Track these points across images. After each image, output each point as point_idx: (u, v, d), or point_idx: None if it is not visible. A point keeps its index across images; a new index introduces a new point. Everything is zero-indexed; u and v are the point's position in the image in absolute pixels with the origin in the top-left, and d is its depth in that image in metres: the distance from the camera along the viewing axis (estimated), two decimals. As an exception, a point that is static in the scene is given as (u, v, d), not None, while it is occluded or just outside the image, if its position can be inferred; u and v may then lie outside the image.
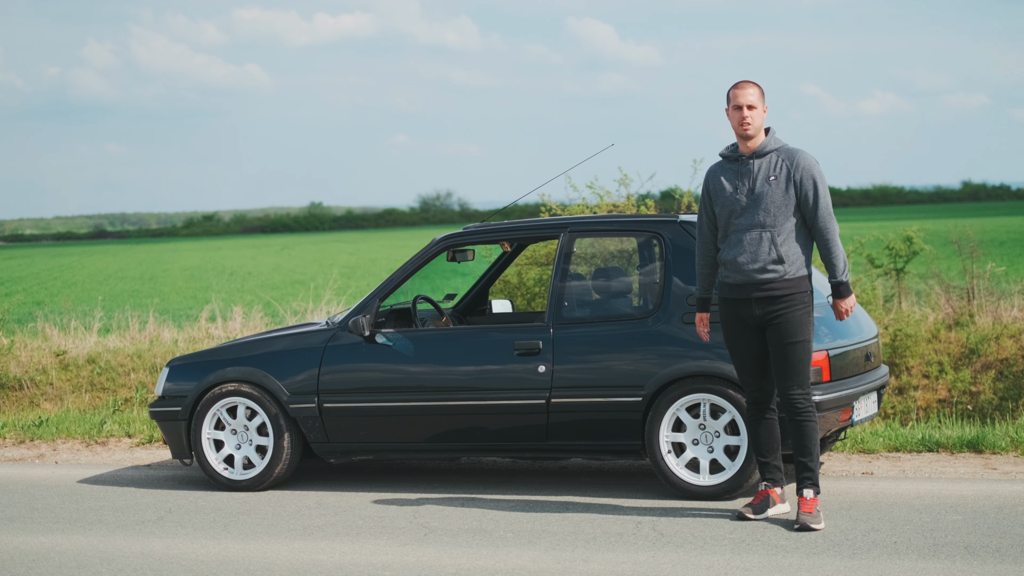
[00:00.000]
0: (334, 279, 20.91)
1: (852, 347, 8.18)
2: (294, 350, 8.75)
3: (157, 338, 16.35)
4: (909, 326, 13.38)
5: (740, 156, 7.31)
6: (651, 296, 8.32)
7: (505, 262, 9.92)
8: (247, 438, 8.79)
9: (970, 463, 8.98)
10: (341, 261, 50.65)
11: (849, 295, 7.23)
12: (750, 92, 7.26)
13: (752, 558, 6.61)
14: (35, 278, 48.10)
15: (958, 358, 13.13)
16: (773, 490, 7.46)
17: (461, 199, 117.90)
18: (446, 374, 8.44)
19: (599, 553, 6.84)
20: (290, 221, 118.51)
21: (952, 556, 6.52)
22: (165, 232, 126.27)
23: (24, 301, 31.31)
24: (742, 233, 7.21)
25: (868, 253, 15.73)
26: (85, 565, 6.95)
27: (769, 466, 7.47)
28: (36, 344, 15.93)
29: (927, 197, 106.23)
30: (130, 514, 8.23)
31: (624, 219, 8.77)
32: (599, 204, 13.65)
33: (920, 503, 7.71)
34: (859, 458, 9.26)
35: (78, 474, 9.76)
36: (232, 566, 6.83)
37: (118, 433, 11.50)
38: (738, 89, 7.28)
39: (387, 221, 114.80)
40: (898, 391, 13.11)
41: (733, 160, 7.34)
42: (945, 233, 15.69)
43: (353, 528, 7.62)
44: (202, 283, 40.70)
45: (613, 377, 8.11)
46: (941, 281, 14.97)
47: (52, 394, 14.56)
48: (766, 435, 7.44)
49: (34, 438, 11.53)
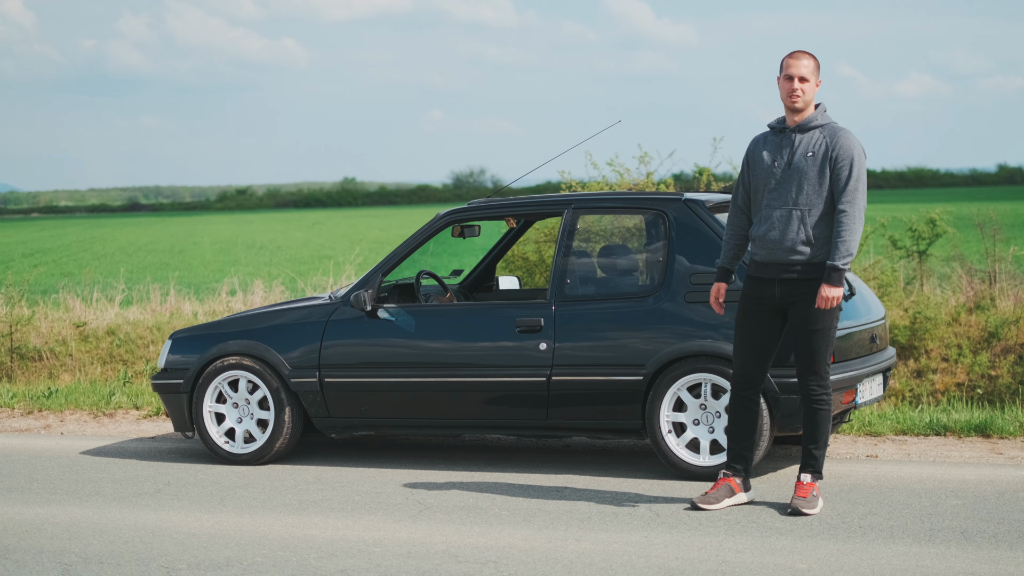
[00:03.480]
0: (356, 254, 20.85)
1: (857, 328, 8.09)
2: (296, 324, 8.72)
3: (178, 311, 16.38)
4: (929, 309, 13.26)
5: (785, 128, 7.13)
6: (654, 274, 8.24)
7: (512, 239, 9.85)
8: (248, 412, 8.76)
9: (977, 447, 8.88)
10: (371, 236, 50.70)
11: (838, 285, 6.90)
12: (804, 63, 7.05)
13: (745, 540, 6.55)
14: (65, 249, 48.33)
15: (977, 341, 13.00)
16: (732, 479, 7.30)
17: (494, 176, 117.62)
18: (447, 350, 8.39)
19: (592, 532, 6.79)
20: (323, 196, 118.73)
21: (947, 541, 6.44)
22: (198, 205, 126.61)
23: (52, 272, 31.43)
24: (773, 209, 7.04)
25: (890, 234, 15.57)
26: (77, 536, 6.94)
27: (737, 454, 7.30)
28: (57, 315, 15.97)
29: (962, 180, 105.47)
30: (128, 486, 8.22)
31: (628, 196, 8.69)
32: (619, 182, 13.56)
33: (921, 487, 7.63)
34: (865, 441, 9.18)
35: (82, 445, 9.76)
36: (223, 539, 6.81)
37: (126, 405, 11.50)
38: (792, 59, 7.07)
39: (420, 197, 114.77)
40: (916, 374, 13.01)
41: (778, 132, 7.15)
42: (972, 216, 15.51)
43: (349, 503, 7.58)
44: (230, 256, 40.80)
45: (614, 355, 8.04)
46: (963, 264, 14.82)
47: (71, 365, 14.59)
48: (742, 419, 7.26)
49: (42, 409, 11.54)
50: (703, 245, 7.96)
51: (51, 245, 52.23)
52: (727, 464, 7.32)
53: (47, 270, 33.05)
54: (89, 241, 56.19)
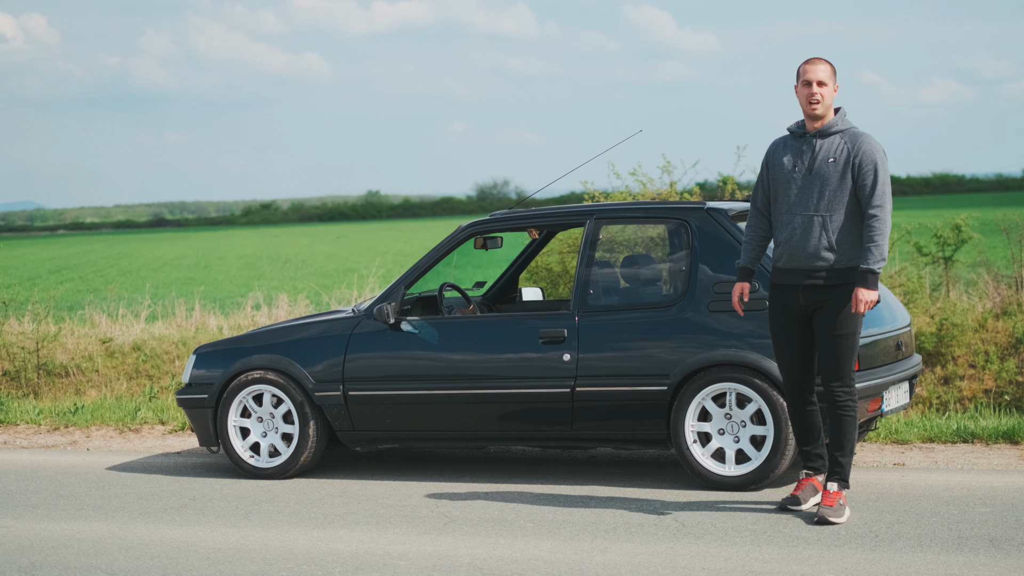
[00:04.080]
0: (378, 266, 20.87)
1: (882, 336, 8.04)
2: (320, 338, 8.72)
3: (203, 325, 16.38)
4: (956, 315, 13.18)
5: (805, 133, 7.12)
6: (677, 283, 8.21)
7: (535, 250, 9.84)
8: (273, 426, 8.77)
9: (1005, 455, 8.83)
10: (395, 249, 50.75)
11: (873, 288, 6.89)
12: (821, 68, 7.06)
13: (772, 550, 6.52)
14: (92, 266, 48.49)
15: (1005, 348, 12.92)
16: (815, 478, 7.35)
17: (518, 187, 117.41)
18: (471, 362, 8.38)
19: (617, 544, 6.76)
20: (347, 209, 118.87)
21: (976, 549, 6.39)
22: (223, 220, 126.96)
23: (79, 288, 31.55)
24: (794, 215, 7.03)
25: (915, 241, 15.49)
26: (103, 552, 6.95)
27: (810, 455, 7.36)
28: (83, 331, 16.00)
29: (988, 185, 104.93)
30: (154, 501, 8.23)
31: (651, 206, 8.67)
32: (642, 192, 13.54)
33: (949, 495, 7.58)
34: (892, 449, 9.13)
35: (108, 461, 9.78)
36: (249, 554, 6.81)
37: (152, 420, 11.53)
38: (809, 64, 7.09)
39: (444, 209, 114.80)
40: (943, 381, 12.93)
41: (798, 136, 7.15)
42: (1000, 222, 15.43)
43: (374, 517, 7.58)
44: (255, 271, 40.87)
45: (638, 365, 8.02)
46: (989, 269, 14.74)
47: (97, 381, 14.62)
48: (805, 423, 7.32)
49: (68, 425, 11.57)
50: (726, 254, 7.93)
51: (77, 262, 52.41)
52: (806, 465, 7.36)
53: (73, 286, 33.19)
54: (115, 257, 56.38)
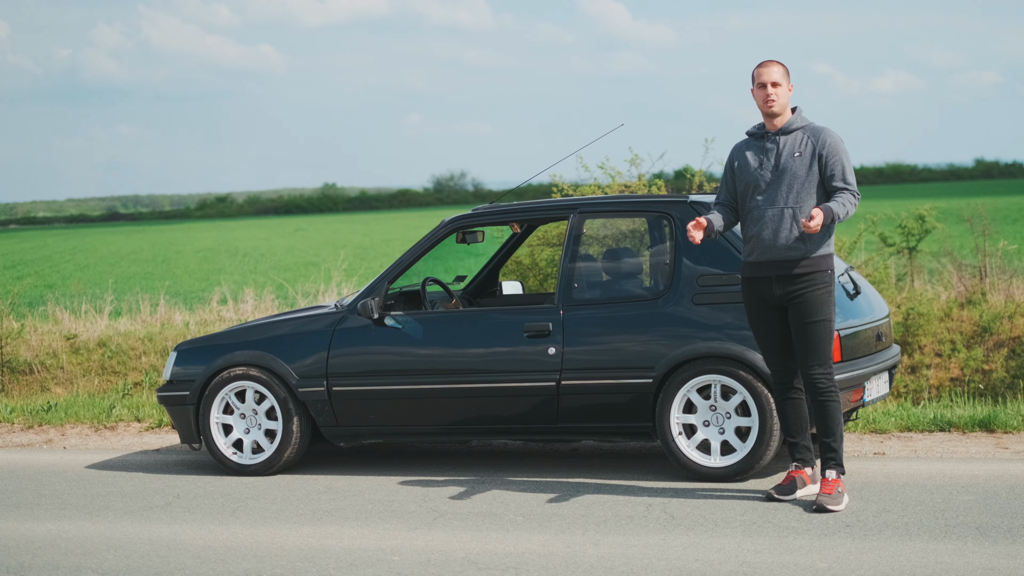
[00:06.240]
0: (342, 260, 20.84)
1: (863, 327, 8.12)
2: (303, 333, 8.71)
3: (168, 321, 16.32)
4: (921, 305, 13.29)
5: (766, 133, 7.31)
6: (661, 277, 8.26)
7: (515, 243, 9.87)
8: (256, 422, 8.76)
9: (982, 443, 8.93)
10: (354, 242, 50.62)
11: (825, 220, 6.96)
12: (774, 70, 7.26)
13: (763, 540, 6.57)
14: (47, 261, 48.14)
15: (970, 336, 13.04)
16: (803, 471, 7.42)
17: (475, 179, 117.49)
18: (456, 357, 8.39)
19: (610, 536, 6.80)
20: (304, 202, 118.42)
21: (964, 537, 6.47)
22: (178, 214, 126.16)
23: (36, 284, 31.31)
24: (764, 210, 7.20)
25: (880, 232, 15.62)
26: (91, 552, 6.92)
27: (798, 446, 7.43)
28: (47, 328, 15.89)
29: (940, 175, 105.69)
30: (138, 500, 8.21)
31: (634, 199, 8.71)
32: (611, 184, 13.61)
33: (932, 483, 7.66)
34: (871, 438, 9.22)
35: (86, 459, 9.74)
36: (240, 552, 6.81)
37: (127, 418, 11.48)
38: (762, 68, 7.29)
39: (401, 202, 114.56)
40: (911, 370, 13.04)
41: (759, 137, 7.34)
42: (958, 211, 15.58)
43: (363, 512, 7.59)
44: (215, 265, 40.71)
45: (623, 358, 8.06)
46: (953, 260, 14.87)
47: (63, 378, 14.54)
48: (793, 415, 7.40)
49: (42, 423, 11.51)
50: (709, 247, 7.97)
51: (32, 257, 52.00)
52: (794, 458, 7.42)
53: (31, 282, 32.94)
54: (71, 252, 55.97)
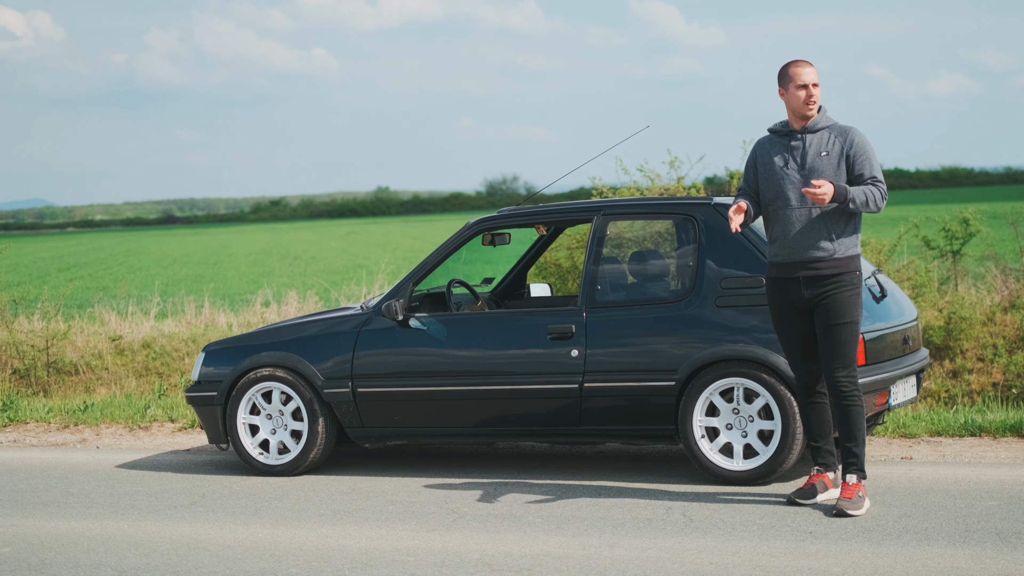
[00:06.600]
0: (387, 263, 20.89)
1: (889, 330, 8.06)
2: (328, 335, 8.74)
3: (212, 323, 16.42)
4: (964, 309, 13.18)
5: (792, 131, 7.23)
6: (685, 279, 8.23)
7: (542, 246, 9.86)
8: (282, 423, 8.80)
9: (1012, 448, 8.84)
10: (405, 245, 50.74)
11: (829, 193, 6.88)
12: (812, 71, 7.19)
13: (780, 544, 6.53)
14: (101, 263, 48.57)
15: (1013, 341, 12.92)
16: (825, 475, 7.36)
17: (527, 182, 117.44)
18: (479, 358, 8.40)
19: (626, 539, 6.78)
20: (357, 206, 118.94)
21: (983, 542, 6.41)
22: (233, 217, 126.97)
23: (88, 286, 31.60)
24: (790, 210, 7.13)
25: (923, 235, 15.49)
26: (113, 549, 6.97)
27: (821, 450, 7.38)
28: (93, 329, 16.04)
29: (997, 178, 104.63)
30: (164, 499, 8.26)
31: (658, 201, 8.69)
32: (650, 187, 13.58)
33: (956, 488, 7.59)
34: (900, 443, 9.14)
35: (117, 459, 9.82)
36: (258, 551, 6.84)
37: (161, 418, 11.56)
38: (799, 68, 7.18)
39: (453, 205, 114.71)
40: (952, 374, 12.93)
41: (784, 135, 7.26)
42: (1007, 214, 15.43)
43: (383, 513, 7.60)
44: (265, 268, 40.90)
45: (646, 361, 8.04)
46: (998, 263, 14.74)
47: (107, 379, 14.66)
48: (817, 419, 7.35)
49: (78, 423, 11.61)
50: (733, 249, 7.94)
51: (87, 259, 52.51)
52: (816, 462, 7.38)
53: (83, 284, 33.26)
54: (124, 255, 56.45)
